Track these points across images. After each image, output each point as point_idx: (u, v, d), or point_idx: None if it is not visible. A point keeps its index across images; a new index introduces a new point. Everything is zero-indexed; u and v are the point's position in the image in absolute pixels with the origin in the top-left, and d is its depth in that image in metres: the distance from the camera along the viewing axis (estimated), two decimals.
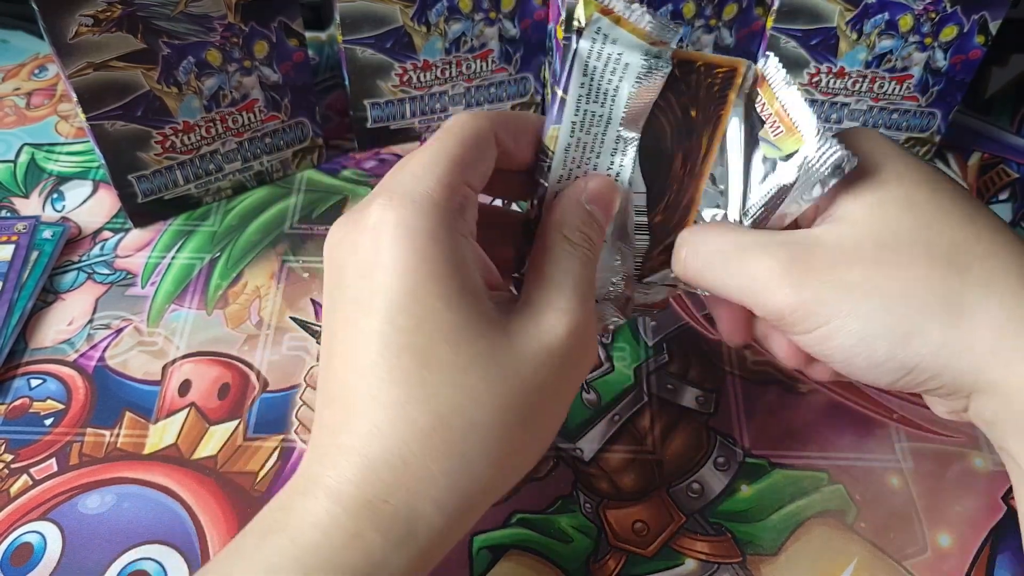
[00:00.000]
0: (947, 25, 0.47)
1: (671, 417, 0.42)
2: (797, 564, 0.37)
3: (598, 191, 0.33)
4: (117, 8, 0.41)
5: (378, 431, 0.27)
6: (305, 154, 0.53)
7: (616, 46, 0.31)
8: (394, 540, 0.27)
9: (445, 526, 0.28)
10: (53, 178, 0.53)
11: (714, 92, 0.32)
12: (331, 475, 0.27)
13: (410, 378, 0.27)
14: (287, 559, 0.26)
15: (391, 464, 0.27)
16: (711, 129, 0.33)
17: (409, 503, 0.27)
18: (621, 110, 0.32)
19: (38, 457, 0.40)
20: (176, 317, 0.46)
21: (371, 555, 0.27)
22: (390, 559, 0.27)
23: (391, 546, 0.27)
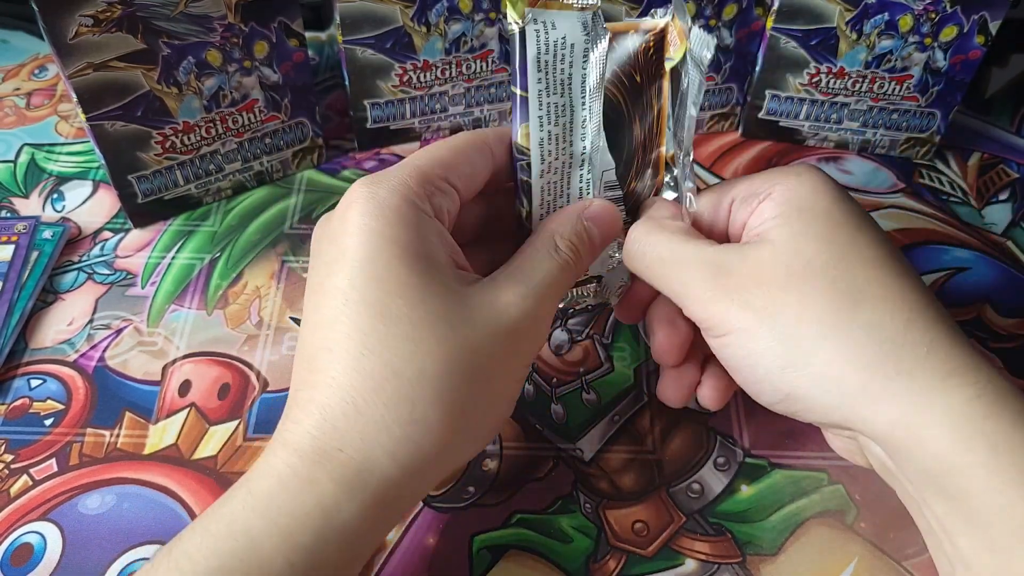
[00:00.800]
0: (947, 25, 0.47)
1: (671, 417, 0.42)
2: (797, 564, 0.38)
3: (599, 212, 0.35)
4: (117, 8, 0.41)
5: (335, 382, 0.29)
6: (305, 154, 0.53)
7: (556, 31, 0.32)
8: (346, 487, 0.28)
9: (399, 477, 0.29)
10: (53, 178, 0.53)
11: (651, 55, 0.34)
12: (291, 429, 0.29)
13: (365, 331, 0.29)
14: (244, 508, 0.28)
15: (346, 413, 0.29)
16: (655, 88, 0.35)
17: (362, 450, 0.28)
18: (579, 93, 0.33)
19: (38, 457, 0.40)
20: (176, 317, 0.46)
21: (323, 500, 0.28)
22: (343, 506, 0.28)
23: (344, 493, 0.28)
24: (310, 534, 0.27)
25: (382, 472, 0.29)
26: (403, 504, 0.30)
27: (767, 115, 0.53)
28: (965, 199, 0.52)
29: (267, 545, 0.27)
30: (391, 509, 0.30)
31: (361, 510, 0.28)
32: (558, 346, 0.45)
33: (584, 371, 0.44)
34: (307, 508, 0.28)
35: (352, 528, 0.28)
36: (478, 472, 0.40)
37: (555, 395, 0.43)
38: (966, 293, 0.47)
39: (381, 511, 0.29)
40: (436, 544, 0.38)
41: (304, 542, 0.27)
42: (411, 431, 0.29)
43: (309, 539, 0.27)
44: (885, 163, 0.54)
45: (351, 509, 0.28)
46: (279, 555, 0.27)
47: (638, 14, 0.47)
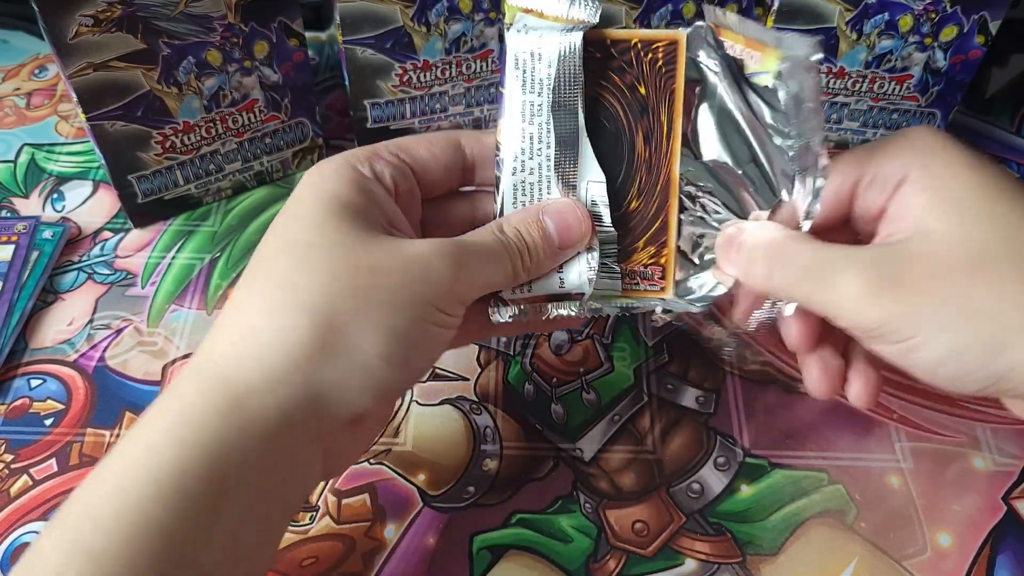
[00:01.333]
0: (947, 25, 0.47)
1: (671, 417, 0.42)
2: (797, 564, 0.38)
3: (559, 208, 0.34)
4: (117, 8, 0.41)
5: (229, 302, 0.31)
6: (305, 154, 0.53)
7: (537, 33, 0.32)
8: (207, 389, 0.28)
9: (262, 383, 0.28)
10: (53, 178, 0.53)
11: (659, 67, 0.33)
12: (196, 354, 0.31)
13: (265, 254, 0.31)
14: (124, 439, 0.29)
15: (224, 325, 0.30)
16: (667, 103, 0.33)
17: (231, 357, 0.29)
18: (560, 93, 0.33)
19: (38, 457, 0.40)
20: (176, 317, 0.46)
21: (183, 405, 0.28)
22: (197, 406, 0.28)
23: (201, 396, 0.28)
24: (175, 445, 0.27)
25: (245, 378, 0.28)
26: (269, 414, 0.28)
27: None
28: None
29: (135, 459, 0.27)
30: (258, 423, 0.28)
31: (221, 417, 0.28)
32: (558, 346, 0.45)
33: (584, 371, 0.44)
34: (169, 419, 0.28)
35: (217, 439, 0.28)
36: (478, 472, 0.40)
37: (555, 395, 0.43)
38: None
39: (247, 423, 0.28)
40: (436, 544, 0.38)
41: (168, 456, 0.27)
42: (277, 336, 0.29)
43: (172, 452, 0.27)
44: None
45: (214, 418, 0.28)
46: (144, 470, 0.27)
47: (638, 14, 0.47)
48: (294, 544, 0.38)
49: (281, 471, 0.29)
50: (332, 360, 0.29)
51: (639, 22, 0.48)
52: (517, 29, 0.33)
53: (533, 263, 0.33)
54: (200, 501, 0.27)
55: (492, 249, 0.33)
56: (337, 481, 0.40)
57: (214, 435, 0.28)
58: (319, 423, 0.30)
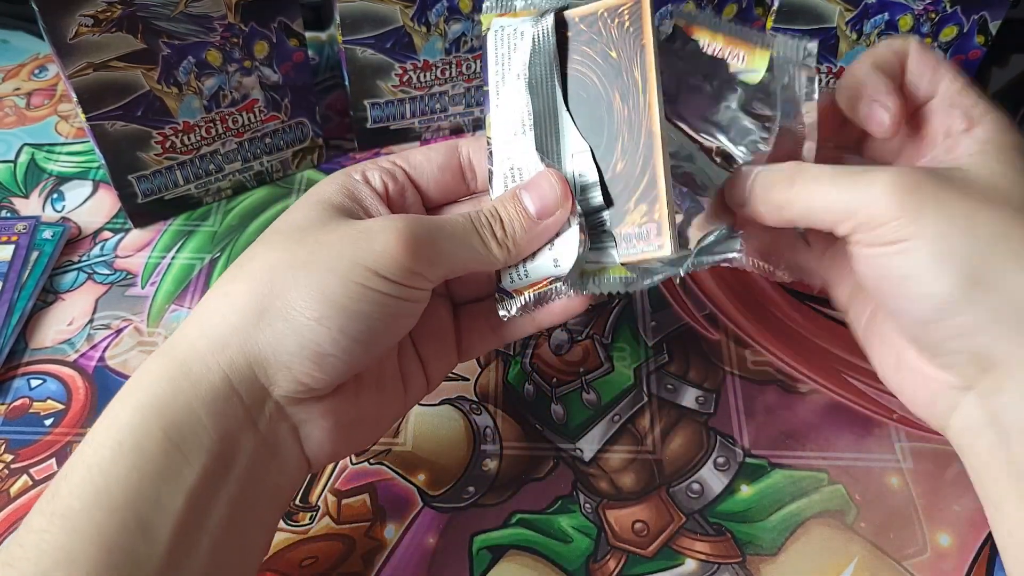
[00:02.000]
0: (947, 25, 0.47)
1: (671, 417, 0.42)
2: (797, 564, 0.38)
3: (533, 180, 0.34)
4: (117, 8, 0.41)
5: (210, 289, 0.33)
6: (305, 154, 0.53)
7: (511, 28, 0.34)
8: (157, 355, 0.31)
9: (204, 346, 0.30)
10: (53, 178, 0.53)
11: (626, 28, 0.33)
12: None
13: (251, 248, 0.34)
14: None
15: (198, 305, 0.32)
16: (639, 60, 0.33)
17: (185, 327, 0.31)
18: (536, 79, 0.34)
19: (38, 457, 0.40)
20: (176, 317, 0.46)
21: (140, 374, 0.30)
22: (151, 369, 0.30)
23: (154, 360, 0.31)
24: (130, 410, 0.29)
25: (192, 345, 0.30)
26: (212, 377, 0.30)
27: None
28: None
29: (102, 426, 0.29)
30: (204, 386, 0.30)
31: (171, 382, 0.30)
32: (558, 346, 0.45)
33: (584, 371, 0.44)
34: (129, 388, 0.30)
35: (170, 403, 0.29)
36: (478, 472, 0.40)
37: (555, 395, 0.43)
38: None
39: (194, 386, 0.30)
40: (436, 544, 0.38)
41: (124, 420, 0.29)
42: (219, 305, 0.31)
43: (128, 416, 0.29)
44: None
45: (163, 383, 0.30)
46: (106, 434, 0.29)
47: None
48: (294, 544, 0.38)
49: (238, 440, 0.30)
50: (267, 323, 0.30)
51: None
52: (494, 31, 0.34)
53: (512, 236, 0.33)
54: (159, 460, 0.28)
55: (457, 224, 0.33)
56: (337, 481, 0.40)
57: (167, 400, 0.29)
58: (265, 391, 0.31)
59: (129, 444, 0.28)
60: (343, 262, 0.31)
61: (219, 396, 0.30)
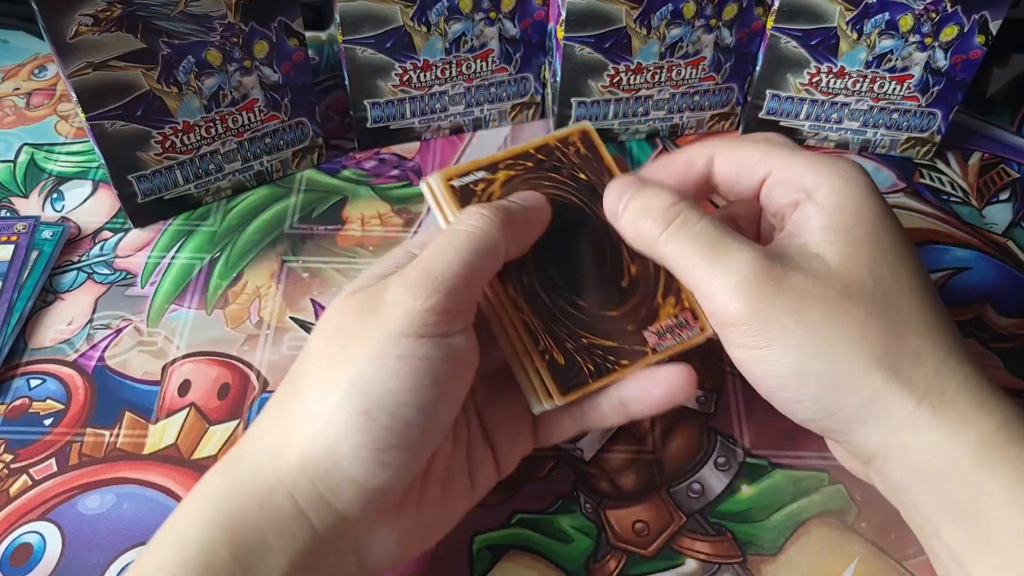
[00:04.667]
0: (947, 25, 0.47)
1: (671, 417, 0.42)
2: (798, 564, 0.37)
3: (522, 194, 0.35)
4: (117, 8, 0.41)
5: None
6: (305, 154, 0.53)
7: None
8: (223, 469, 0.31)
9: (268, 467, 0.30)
10: (53, 178, 0.53)
11: (584, 155, 0.37)
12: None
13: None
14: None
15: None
16: (608, 179, 0.37)
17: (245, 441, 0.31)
18: None
19: (38, 457, 0.40)
20: (176, 317, 0.46)
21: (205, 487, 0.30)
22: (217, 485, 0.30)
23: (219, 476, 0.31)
24: (199, 525, 0.29)
25: (253, 459, 0.30)
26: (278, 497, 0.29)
27: (767, 115, 0.53)
28: (966, 199, 0.52)
29: (166, 542, 0.29)
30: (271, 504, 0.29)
31: (239, 498, 0.29)
32: None
33: None
34: (195, 502, 0.30)
35: (239, 518, 0.29)
36: None
37: None
38: (966, 293, 0.47)
39: (263, 505, 0.29)
40: (436, 544, 0.38)
41: (194, 534, 0.29)
42: (277, 418, 0.31)
43: (197, 530, 0.29)
44: (885, 163, 0.54)
45: (229, 498, 0.29)
46: (171, 552, 0.29)
47: (638, 14, 0.47)
48: None
49: (305, 561, 0.29)
50: (319, 432, 0.29)
51: (639, 22, 0.48)
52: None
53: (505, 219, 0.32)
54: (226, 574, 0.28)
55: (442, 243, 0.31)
56: None
57: (234, 517, 0.29)
58: (336, 513, 0.30)
59: (197, 562, 0.28)
60: (370, 343, 0.29)
61: (287, 519, 0.29)
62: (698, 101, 0.53)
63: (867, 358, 0.30)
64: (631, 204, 0.34)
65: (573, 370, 0.34)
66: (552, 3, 0.50)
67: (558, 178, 0.36)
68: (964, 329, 0.46)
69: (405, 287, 0.30)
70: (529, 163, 0.36)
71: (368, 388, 0.29)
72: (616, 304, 0.35)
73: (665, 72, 0.51)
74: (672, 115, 0.54)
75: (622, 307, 0.35)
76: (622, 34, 0.48)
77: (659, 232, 0.33)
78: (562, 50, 0.49)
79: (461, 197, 0.35)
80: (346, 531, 0.30)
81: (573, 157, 0.37)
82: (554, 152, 0.37)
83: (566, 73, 0.50)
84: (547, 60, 0.53)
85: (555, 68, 0.51)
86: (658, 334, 0.35)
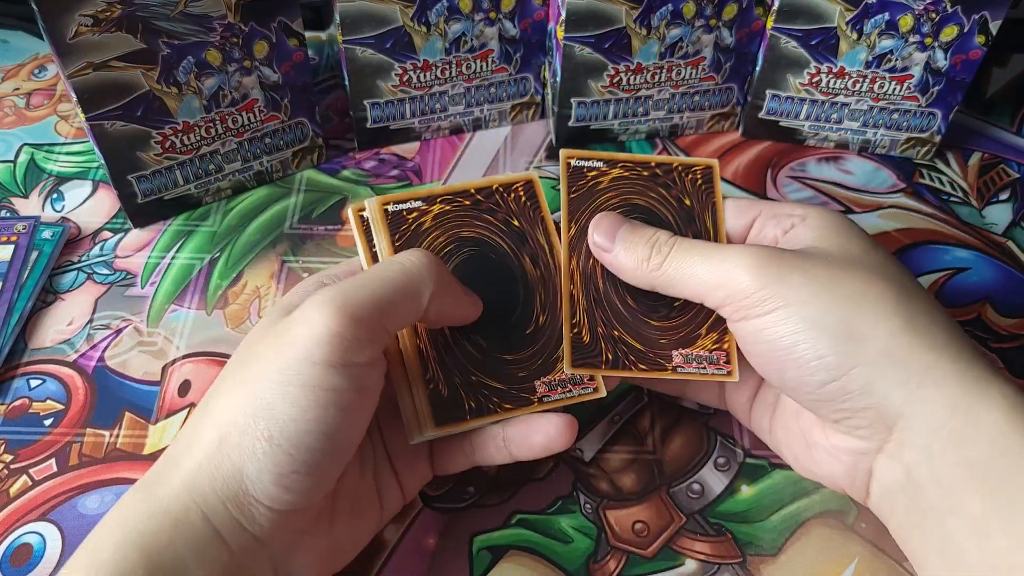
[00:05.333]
0: (947, 25, 0.47)
1: (671, 417, 0.42)
2: (797, 564, 0.37)
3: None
4: (117, 8, 0.41)
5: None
6: (305, 154, 0.53)
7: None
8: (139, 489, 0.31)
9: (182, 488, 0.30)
10: (53, 178, 0.53)
11: (699, 185, 0.39)
12: None
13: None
14: None
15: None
16: (711, 213, 0.39)
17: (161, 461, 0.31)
18: None
19: (38, 457, 0.40)
20: (176, 317, 0.46)
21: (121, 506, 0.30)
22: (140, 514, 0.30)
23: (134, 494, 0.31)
24: (111, 547, 0.29)
25: (168, 481, 0.30)
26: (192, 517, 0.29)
27: (767, 115, 0.53)
28: (965, 199, 0.52)
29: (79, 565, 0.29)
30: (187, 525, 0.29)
31: (152, 518, 0.29)
32: None
33: None
34: (109, 524, 0.30)
35: (154, 540, 0.29)
36: (478, 472, 0.40)
37: None
38: (966, 293, 0.47)
39: (178, 526, 0.29)
40: (436, 544, 0.38)
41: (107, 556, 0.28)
42: (191, 438, 0.31)
43: (110, 552, 0.29)
44: (885, 163, 0.54)
45: (144, 520, 0.29)
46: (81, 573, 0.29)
47: (638, 14, 0.47)
48: None
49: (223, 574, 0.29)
50: (225, 455, 0.30)
51: (639, 22, 0.48)
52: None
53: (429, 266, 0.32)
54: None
55: (369, 274, 0.32)
56: None
57: (150, 538, 0.29)
58: (248, 534, 0.30)
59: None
60: (276, 365, 0.29)
61: (204, 541, 0.29)
62: (698, 101, 0.53)
63: (881, 308, 0.31)
64: (625, 238, 0.35)
65: (454, 405, 0.35)
66: (552, 3, 0.50)
67: (491, 220, 0.38)
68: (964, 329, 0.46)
69: (317, 306, 0.30)
70: (467, 201, 0.38)
71: (271, 415, 0.29)
72: (516, 349, 0.36)
73: (665, 72, 0.51)
74: (672, 115, 0.54)
75: (520, 353, 0.36)
76: (622, 34, 0.48)
77: (662, 258, 0.35)
78: (562, 50, 0.49)
79: (391, 222, 0.36)
80: (261, 551, 0.30)
81: (512, 203, 0.38)
82: (494, 195, 0.38)
83: (566, 73, 0.50)
84: (547, 60, 0.53)
85: (555, 68, 0.51)
86: (548, 386, 0.36)
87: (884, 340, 0.31)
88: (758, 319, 0.32)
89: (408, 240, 0.36)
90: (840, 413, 0.32)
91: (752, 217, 0.37)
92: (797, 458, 0.36)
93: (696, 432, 0.42)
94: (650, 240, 0.35)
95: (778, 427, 0.37)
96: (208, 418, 0.31)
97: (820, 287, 0.32)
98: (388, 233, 0.36)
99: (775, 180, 0.53)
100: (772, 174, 0.53)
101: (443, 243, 0.37)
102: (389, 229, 0.36)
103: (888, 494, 0.32)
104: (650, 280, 0.35)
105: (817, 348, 0.31)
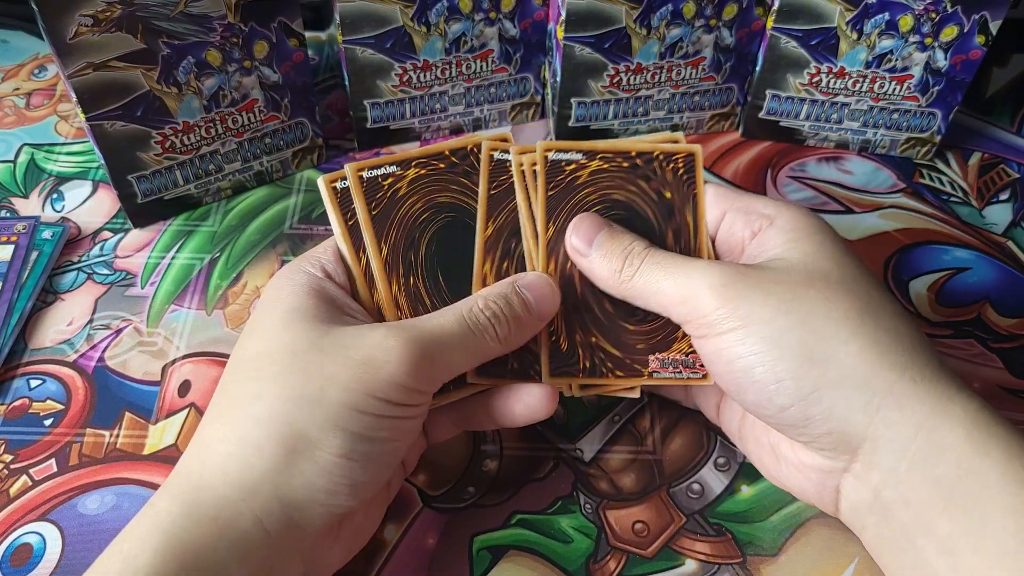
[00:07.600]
0: (947, 25, 0.47)
1: (671, 417, 0.42)
2: (797, 564, 0.37)
3: (534, 281, 0.35)
4: (117, 8, 0.41)
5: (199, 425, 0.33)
6: (305, 154, 0.53)
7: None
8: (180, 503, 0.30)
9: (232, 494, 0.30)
10: (53, 178, 0.53)
11: (681, 176, 0.38)
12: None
13: (226, 379, 0.33)
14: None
15: (193, 443, 0.33)
16: (692, 206, 0.37)
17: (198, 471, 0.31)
18: None
19: (38, 457, 0.40)
20: (176, 317, 0.46)
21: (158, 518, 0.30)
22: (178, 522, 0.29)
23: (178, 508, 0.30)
24: (149, 552, 0.28)
25: (214, 489, 0.30)
26: (245, 524, 0.30)
27: (767, 115, 0.53)
28: (965, 199, 0.52)
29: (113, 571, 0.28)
30: (234, 529, 0.29)
31: (198, 526, 0.29)
32: None
33: None
34: (143, 529, 0.29)
35: (195, 545, 0.29)
36: (478, 472, 0.40)
37: None
38: (966, 293, 0.47)
39: (224, 531, 0.29)
40: (436, 544, 0.38)
41: (144, 561, 0.28)
42: (238, 449, 0.30)
43: (148, 557, 0.28)
44: (885, 163, 0.54)
45: (187, 526, 0.29)
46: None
47: (638, 14, 0.47)
48: None
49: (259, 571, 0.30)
50: (296, 467, 0.30)
51: (639, 22, 0.48)
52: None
53: (511, 333, 0.34)
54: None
55: (455, 334, 0.33)
56: None
57: (191, 544, 0.29)
58: (300, 532, 0.31)
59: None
60: (356, 395, 0.31)
61: (250, 542, 0.29)
62: (698, 101, 0.53)
63: (842, 328, 0.31)
64: (603, 244, 0.35)
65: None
66: (552, 3, 0.50)
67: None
68: (964, 329, 0.46)
69: (408, 368, 0.31)
70: (441, 164, 0.37)
71: (348, 434, 0.31)
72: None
73: (665, 72, 0.51)
74: (672, 115, 0.54)
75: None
76: (622, 34, 0.48)
77: (633, 271, 0.35)
78: (562, 50, 0.49)
79: (367, 189, 0.36)
80: (302, 543, 0.31)
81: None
82: (468, 156, 0.38)
83: (566, 73, 0.50)
84: (547, 60, 0.53)
85: (555, 68, 0.51)
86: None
87: (845, 362, 0.30)
88: (717, 338, 0.32)
89: (384, 208, 0.36)
90: (804, 436, 0.32)
91: (724, 210, 0.37)
92: (767, 469, 0.36)
93: (696, 432, 0.42)
94: (625, 250, 0.35)
95: (748, 438, 0.37)
96: (260, 428, 0.30)
97: (780, 307, 0.31)
98: (364, 201, 0.36)
99: (775, 180, 0.53)
100: (772, 174, 0.53)
101: (420, 209, 0.37)
102: (364, 196, 0.36)
103: (857, 512, 0.32)
104: (621, 292, 0.35)
105: (776, 371, 0.31)
